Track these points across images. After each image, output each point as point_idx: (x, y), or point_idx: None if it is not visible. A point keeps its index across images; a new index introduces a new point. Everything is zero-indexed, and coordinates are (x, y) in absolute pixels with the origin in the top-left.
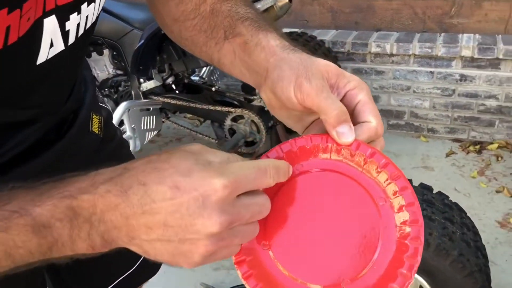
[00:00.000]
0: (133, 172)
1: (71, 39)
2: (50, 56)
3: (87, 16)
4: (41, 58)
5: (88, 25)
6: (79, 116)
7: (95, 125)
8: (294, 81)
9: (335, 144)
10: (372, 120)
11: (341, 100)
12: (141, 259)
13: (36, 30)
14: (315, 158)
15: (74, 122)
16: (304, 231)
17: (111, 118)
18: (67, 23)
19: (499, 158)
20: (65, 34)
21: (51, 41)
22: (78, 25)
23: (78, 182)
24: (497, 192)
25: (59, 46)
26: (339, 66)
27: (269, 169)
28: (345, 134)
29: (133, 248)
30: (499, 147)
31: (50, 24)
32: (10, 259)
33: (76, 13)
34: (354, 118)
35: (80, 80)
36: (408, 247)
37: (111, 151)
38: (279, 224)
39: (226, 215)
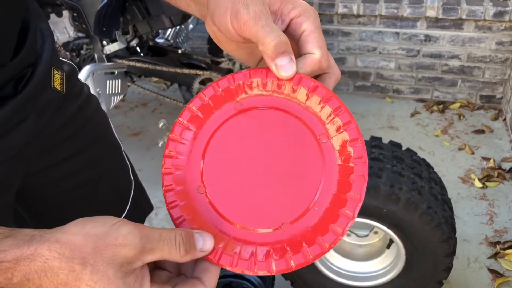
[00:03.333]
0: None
1: None
2: None
3: None
4: None
5: None
6: (37, 70)
7: (57, 81)
8: (231, 8)
9: (276, 79)
10: (316, 52)
11: (286, 30)
12: (126, 211)
13: None
14: (254, 95)
15: (32, 77)
16: (243, 173)
17: (76, 73)
18: None
19: (461, 117)
20: None
21: None
22: None
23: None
24: (459, 149)
25: None
26: None
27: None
28: (285, 67)
29: None
30: (461, 106)
31: None
32: None
33: None
34: (299, 49)
35: (34, 31)
36: (351, 185)
37: (76, 108)
38: (215, 167)
39: None
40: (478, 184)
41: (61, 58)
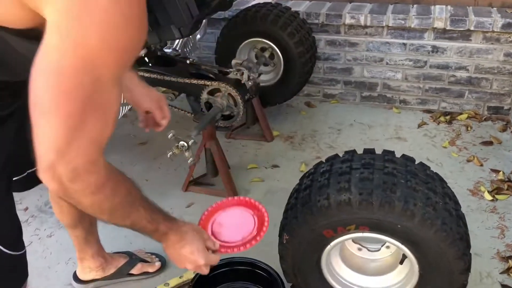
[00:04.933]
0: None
1: None
2: None
3: None
4: None
5: None
6: None
7: None
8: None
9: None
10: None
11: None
12: None
13: None
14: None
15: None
16: (223, 228)
17: None
18: None
19: (469, 128)
20: None
21: None
22: None
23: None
24: (468, 161)
25: None
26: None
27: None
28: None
29: (164, 245)
30: (468, 117)
31: None
32: (139, 225)
33: None
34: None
35: None
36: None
37: None
38: (215, 227)
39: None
40: (488, 196)
41: None
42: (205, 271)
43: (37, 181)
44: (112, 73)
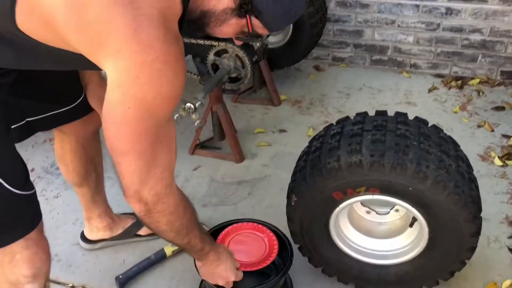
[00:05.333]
0: (220, 257)
1: None
2: None
3: None
4: None
5: None
6: None
7: None
8: None
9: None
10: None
11: None
12: (78, 101)
13: None
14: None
15: None
16: (238, 249)
17: None
18: None
19: (480, 93)
20: None
21: None
22: None
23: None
24: (479, 126)
25: None
26: None
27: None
28: None
29: (201, 264)
30: (480, 82)
31: None
32: (192, 243)
33: None
34: None
35: None
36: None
37: None
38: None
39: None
40: (498, 162)
41: None
42: (231, 285)
43: (35, 130)
44: (168, 113)
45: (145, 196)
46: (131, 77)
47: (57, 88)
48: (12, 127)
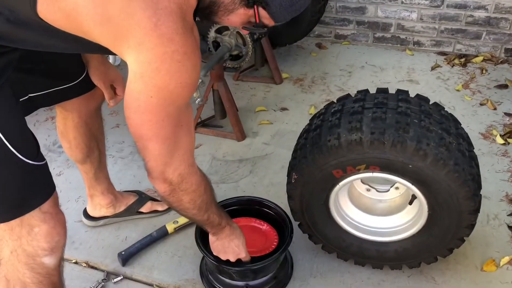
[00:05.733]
0: (234, 232)
1: None
2: None
3: None
4: None
5: None
6: None
7: None
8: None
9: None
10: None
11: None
12: (81, 78)
13: None
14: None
15: None
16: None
17: None
18: None
19: (484, 71)
20: None
21: None
22: None
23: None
24: (481, 104)
25: None
26: None
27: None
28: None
29: (215, 238)
30: (483, 60)
31: None
32: (211, 219)
33: None
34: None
35: None
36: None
37: None
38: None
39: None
40: (499, 140)
41: None
42: (237, 259)
43: (38, 106)
44: (187, 99)
45: (170, 177)
46: (152, 68)
47: (60, 64)
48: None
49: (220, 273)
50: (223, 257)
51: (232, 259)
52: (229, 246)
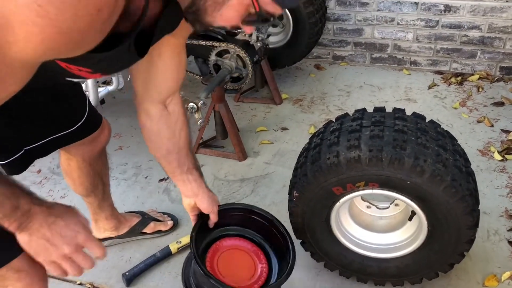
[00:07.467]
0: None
1: None
2: None
3: None
4: None
5: None
6: None
7: None
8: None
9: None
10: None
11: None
12: (83, 120)
13: None
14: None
15: None
16: (226, 266)
17: None
18: None
19: (480, 89)
20: None
21: None
22: None
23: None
24: (478, 122)
25: None
26: None
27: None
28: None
29: (27, 236)
30: (480, 78)
31: None
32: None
33: None
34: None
35: None
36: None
37: None
38: (219, 265)
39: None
40: (497, 156)
41: None
42: (88, 264)
43: (34, 158)
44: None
45: None
46: None
47: (56, 110)
48: (9, 160)
49: None
50: (56, 256)
51: (70, 250)
52: (53, 234)
